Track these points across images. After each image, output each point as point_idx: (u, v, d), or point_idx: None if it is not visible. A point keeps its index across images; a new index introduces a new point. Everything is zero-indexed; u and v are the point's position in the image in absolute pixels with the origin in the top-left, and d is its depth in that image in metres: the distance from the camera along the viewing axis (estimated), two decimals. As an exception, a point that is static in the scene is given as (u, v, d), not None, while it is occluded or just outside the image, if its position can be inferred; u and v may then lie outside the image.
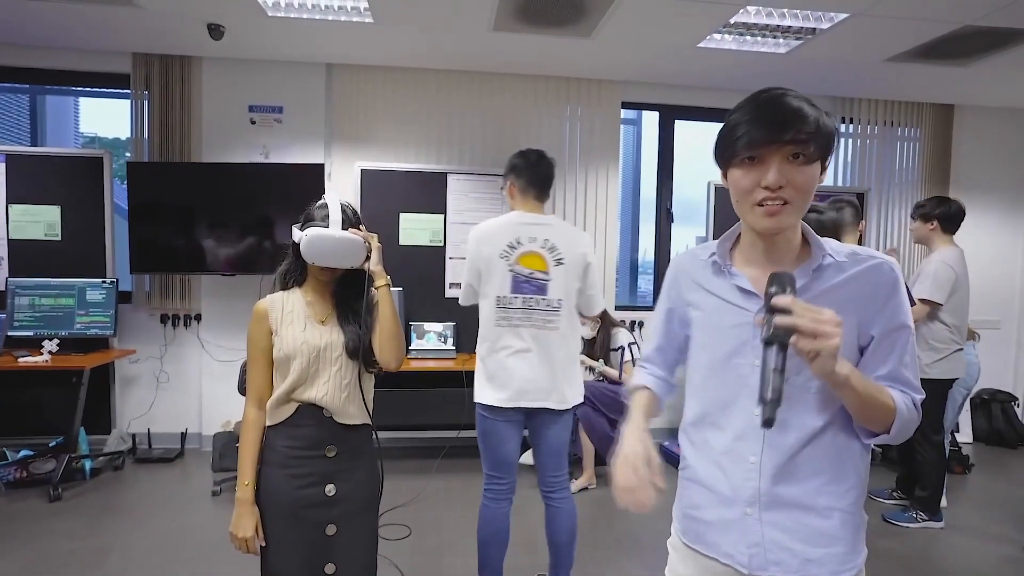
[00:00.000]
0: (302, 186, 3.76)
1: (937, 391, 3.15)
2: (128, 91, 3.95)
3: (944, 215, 3.18)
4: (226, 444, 3.74)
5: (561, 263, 2.18)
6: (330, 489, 1.51)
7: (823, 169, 0.99)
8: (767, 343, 0.86)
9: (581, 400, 2.27)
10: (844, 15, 3.11)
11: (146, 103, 3.95)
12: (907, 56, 3.65)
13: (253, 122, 4.05)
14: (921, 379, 3.32)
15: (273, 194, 3.83)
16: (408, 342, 3.89)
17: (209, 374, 4.09)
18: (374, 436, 1.60)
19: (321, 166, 3.85)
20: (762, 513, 1.02)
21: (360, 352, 1.52)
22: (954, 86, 4.22)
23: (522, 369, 2.15)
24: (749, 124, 0.94)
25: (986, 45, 3.44)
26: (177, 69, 3.95)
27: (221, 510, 3.24)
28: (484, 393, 2.19)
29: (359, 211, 4.25)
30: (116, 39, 3.74)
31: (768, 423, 0.84)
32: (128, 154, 3.99)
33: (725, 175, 1.03)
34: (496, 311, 2.17)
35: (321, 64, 4.08)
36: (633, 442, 1.10)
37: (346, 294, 1.57)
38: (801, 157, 0.94)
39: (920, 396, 1.02)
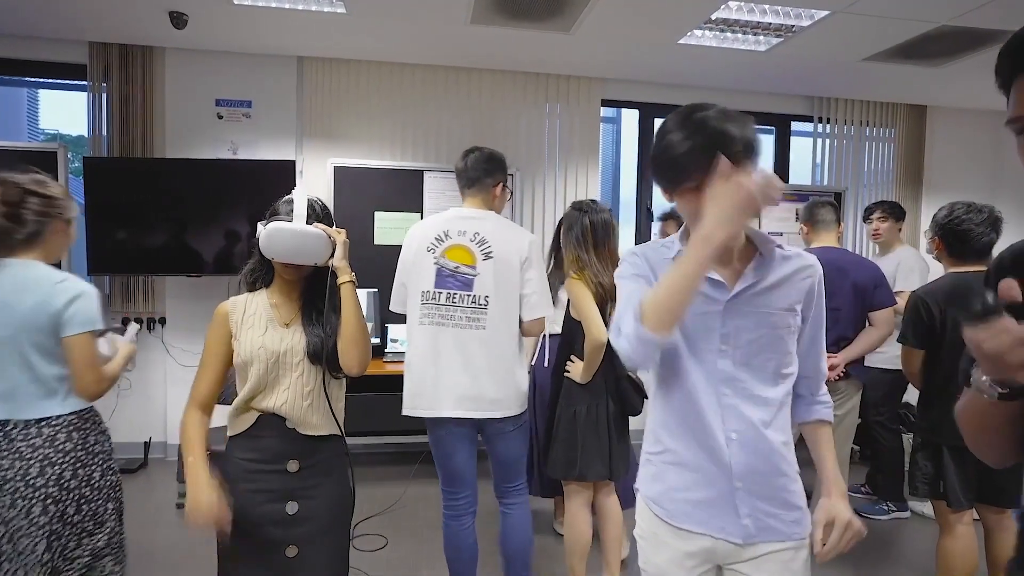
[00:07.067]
0: (272, 184, 3.60)
1: (896, 381, 3.23)
2: (85, 83, 3.75)
3: (902, 215, 3.53)
4: (192, 453, 3.57)
5: (490, 257, 2.04)
6: (291, 507, 1.41)
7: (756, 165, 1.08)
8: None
9: (518, 411, 2.09)
10: (824, 12, 3.10)
11: (105, 96, 3.76)
12: (883, 56, 3.67)
13: (220, 117, 3.88)
14: (881, 370, 3.37)
15: (242, 192, 3.67)
16: (383, 344, 3.77)
17: (175, 380, 3.90)
18: (345, 449, 1.49)
19: (292, 163, 3.71)
20: (749, 485, 1.12)
21: (323, 356, 1.41)
22: (927, 87, 4.27)
23: (444, 375, 2.01)
24: (688, 155, 1.02)
25: (959, 46, 3.47)
26: (138, 60, 3.77)
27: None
28: (409, 402, 2.06)
29: (332, 209, 4.05)
30: (70, 26, 3.54)
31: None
32: (89, 151, 3.79)
33: (670, 197, 1.13)
34: (420, 308, 2.04)
35: (292, 57, 3.93)
36: None
37: (314, 296, 1.46)
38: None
39: (823, 380, 1.25)
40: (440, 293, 2.04)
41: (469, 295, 2.04)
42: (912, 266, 3.34)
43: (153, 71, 3.80)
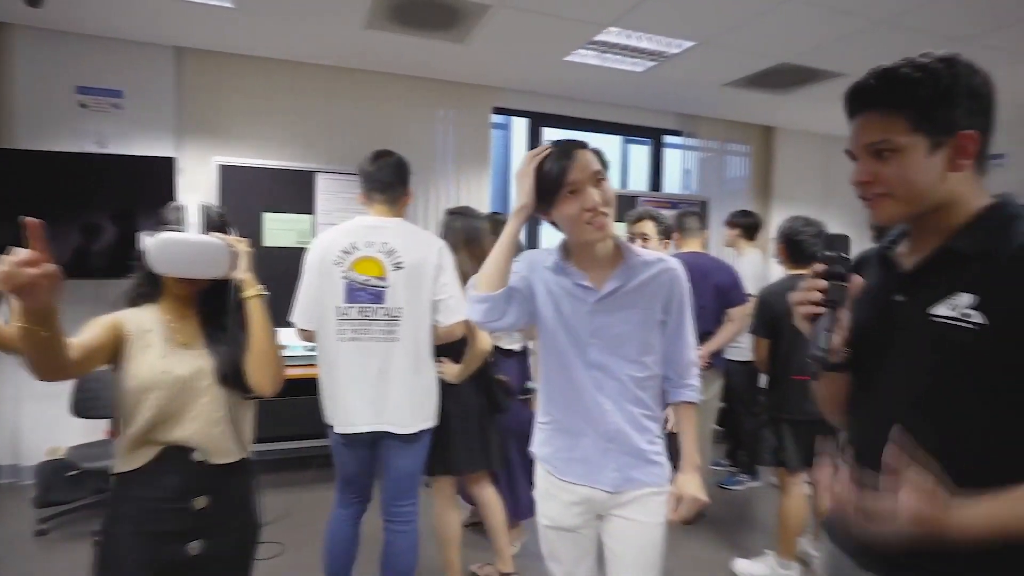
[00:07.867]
0: (149, 181, 3.40)
1: (754, 371, 3.65)
2: (-91, 59, 3.28)
3: (746, 224, 4.00)
4: (54, 474, 3.24)
5: (400, 267, 1.99)
6: (195, 547, 1.29)
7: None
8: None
9: (431, 424, 2.09)
10: (690, 43, 3.49)
11: (-64, 75, 3.31)
12: (738, 83, 4.17)
13: (84, 106, 3.55)
14: (739, 362, 3.86)
15: (112, 189, 3.40)
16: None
17: (31, 395, 3.51)
18: (253, 474, 1.42)
19: (171, 159, 3.50)
20: (618, 446, 1.38)
21: (233, 378, 1.32)
22: (774, 111, 4.90)
23: (362, 390, 1.98)
24: (569, 170, 1.29)
25: (797, 80, 4.05)
26: (-21, 37, 3.35)
27: (50, 554, 2.82)
28: (330, 415, 2.06)
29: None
30: None
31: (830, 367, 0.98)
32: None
33: (549, 213, 1.35)
34: (335, 324, 1.98)
35: (168, 47, 3.69)
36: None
37: (213, 311, 1.35)
38: (603, 180, 1.32)
39: (696, 368, 1.48)
40: (352, 308, 1.98)
41: (382, 307, 1.99)
42: (745, 272, 3.63)
43: (-2, 51, 3.40)
